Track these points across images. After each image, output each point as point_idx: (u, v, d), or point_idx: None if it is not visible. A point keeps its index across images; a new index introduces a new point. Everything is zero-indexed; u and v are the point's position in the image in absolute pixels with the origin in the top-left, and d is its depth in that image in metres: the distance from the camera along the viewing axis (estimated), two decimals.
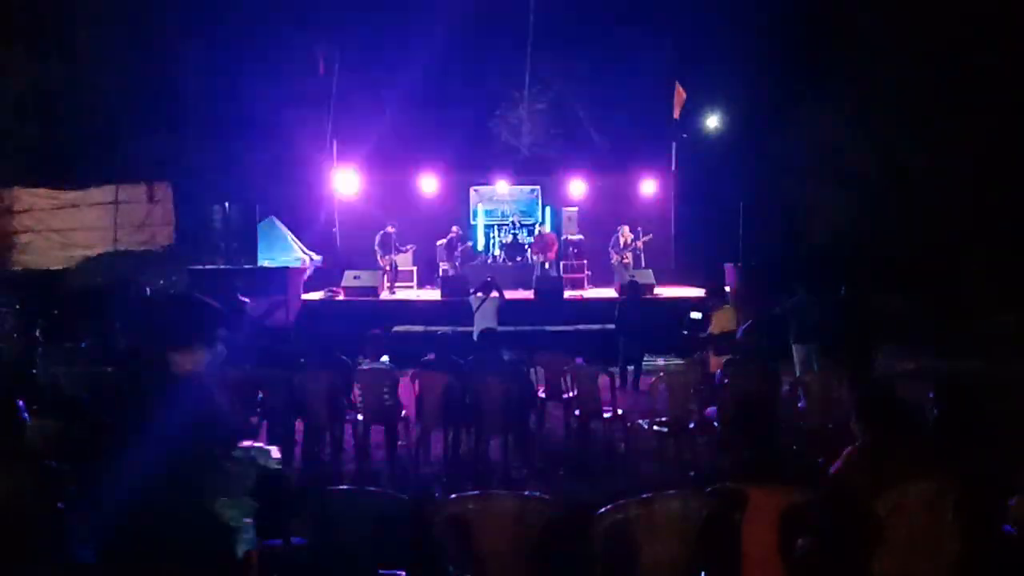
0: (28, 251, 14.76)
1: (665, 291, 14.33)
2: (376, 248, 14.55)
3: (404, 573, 3.27)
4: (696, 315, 11.43)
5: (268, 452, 2.79)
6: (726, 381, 6.39)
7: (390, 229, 14.70)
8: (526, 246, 16.15)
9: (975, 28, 14.67)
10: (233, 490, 2.57)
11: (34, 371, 6.28)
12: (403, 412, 6.83)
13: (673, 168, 17.55)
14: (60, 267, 14.22)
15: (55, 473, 3.61)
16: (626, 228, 15.31)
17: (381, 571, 3.21)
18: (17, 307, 10.58)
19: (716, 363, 7.59)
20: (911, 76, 15.10)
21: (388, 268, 14.54)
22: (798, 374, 8.13)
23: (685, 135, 17.56)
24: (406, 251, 15.28)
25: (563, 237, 16.38)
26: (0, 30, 14.67)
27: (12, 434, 3.60)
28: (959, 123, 14.70)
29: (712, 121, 18.76)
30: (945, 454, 3.42)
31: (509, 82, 19.77)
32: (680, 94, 16.84)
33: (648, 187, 17.40)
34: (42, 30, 14.81)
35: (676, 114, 16.91)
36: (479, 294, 10.10)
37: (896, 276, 13.90)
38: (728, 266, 13.89)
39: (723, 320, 8.33)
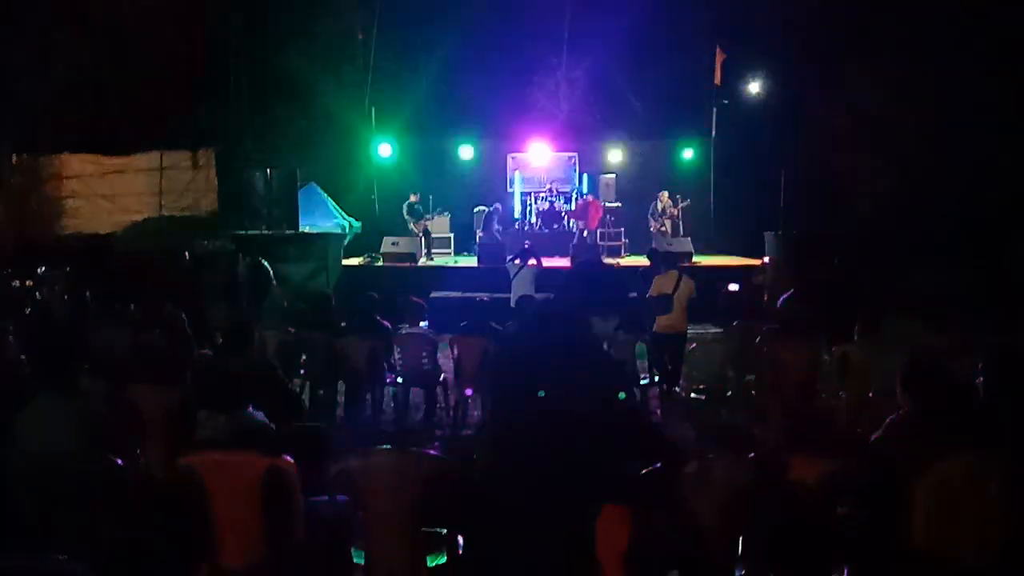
0: (77, 216, 15.12)
1: (704, 259, 14.22)
2: (406, 217, 14.66)
3: (445, 532, 3.35)
4: (734, 286, 11.35)
5: None
6: (764, 350, 6.37)
7: (413, 198, 14.80)
8: (563, 213, 16.11)
9: None
10: None
11: (85, 333, 6.46)
12: (442, 376, 6.93)
13: (713, 135, 17.29)
14: (108, 232, 14.55)
15: (108, 429, 3.76)
16: (664, 194, 15.17)
17: (423, 529, 3.30)
18: (67, 270, 10.87)
19: (658, 324, 7.51)
20: (959, 44, 14.63)
21: (420, 234, 14.64)
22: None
23: (726, 101, 17.25)
24: (437, 216, 15.37)
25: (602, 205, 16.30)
26: (49, 11, 14.90)
27: (65, 394, 3.74)
28: (1008, 93, 14.25)
29: (753, 87, 18.37)
30: (991, 427, 3.36)
31: (547, 48, 19.55)
32: (721, 59, 16.52)
33: (687, 154, 17.17)
34: (87, 7, 15.00)
35: (717, 79, 16.59)
36: (516, 261, 10.12)
37: (939, 248, 13.61)
38: (768, 235, 13.72)
39: (661, 284, 7.94)
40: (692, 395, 6.60)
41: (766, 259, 11.99)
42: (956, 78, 14.62)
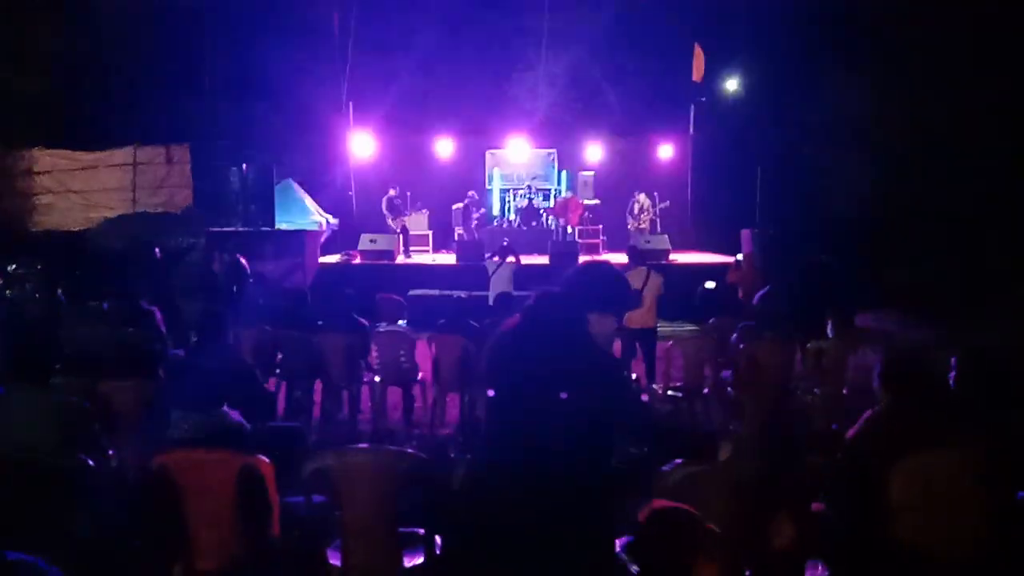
0: (49, 212, 14.88)
1: (681, 257, 14.29)
2: (385, 212, 14.60)
3: (423, 531, 3.34)
4: (710, 284, 11.40)
5: None
6: (740, 347, 6.41)
7: (392, 193, 14.75)
8: (542, 211, 16.11)
9: None
10: None
11: (57, 331, 6.37)
12: (419, 375, 6.91)
13: (691, 132, 17.37)
14: (81, 228, 14.34)
15: (82, 426, 3.71)
16: (642, 195, 15.21)
17: (400, 529, 3.28)
18: (39, 268, 10.70)
19: (628, 319, 7.50)
20: (938, 41, 14.79)
21: (399, 231, 14.59)
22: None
23: (704, 99, 17.33)
24: (415, 213, 15.33)
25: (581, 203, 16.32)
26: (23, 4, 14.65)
27: (38, 390, 3.69)
28: (986, 90, 14.42)
29: (732, 84, 18.49)
30: (968, 421, 3.39)
31: (526, 44, 19.53)
32: (699, 56, 16.60)
33: (665, 151, 17.25)
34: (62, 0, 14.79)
35: (695, 77, 16.67)
36: (495, 258, 10.12)
37: (919, 245, 13.77)
38: (745, 232, 13.81)
39: (631, 280, 8.11)
40: (669, 392, 6.62)
41: (739, 256, 12.08)
42: (935, 74, 14.79)
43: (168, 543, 3.27)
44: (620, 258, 14.54)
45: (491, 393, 2.62)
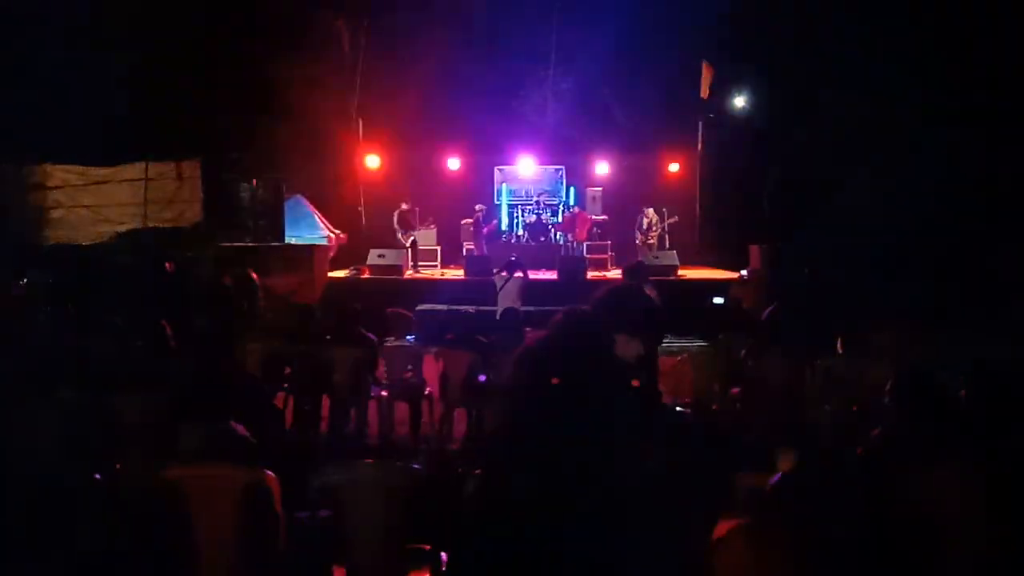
0: (60, 226, 14.99)
1: (689, 272, 14.27)
2: (396, 227, 14.60)
3: (428, 547, 3.32)
4: (719, 300, 11.38)
5: None
6: (749, 363, 6.39)
7: (404, 207, 14.74)
8: (550, 226, 16.13)
9: (1008, 8, 14.37)
10: None
11: (66, 344, 6.40)
12: (427, 390, 6.90)
13: (699, 148, 17.39)
14: (91, 242, 14.44)
15: (89, 440, 3.72)
16: (651, 210, 15.21)
17: (407, 545, 3.27)
18: (50, 282, 10.77)
19: None
20: (944, 59, 14.82)
21: (408, 246, 14.61)
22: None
23: (712, 115, 17.37)
24: (427, 227, 15.35)
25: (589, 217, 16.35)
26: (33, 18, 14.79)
27: (46, 403, 3.71)
28: (993, 106, 14.43)
29: (740, 101, 18.52)
30: (978, 438, 3.37)
31: (534, 61, 19.63)
32: (708, 73, 16.65)
33: (674, 167, 17.26)
34: (74, 13, 14.91)
35: (703, 94, 16.71)
36: (503, 273, 10.12)
37: (929, 260, 13.71)
38: (754, 248, 13.79)
39: None
40: (678, 408, 6.59)
41: (743, 272, 12.05)
42: (941, 92, 14.80)
43: (174, 558, 3.26)
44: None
45: (482, 378, 2.60)
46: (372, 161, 16.92)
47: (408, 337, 7.20)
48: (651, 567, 2.36)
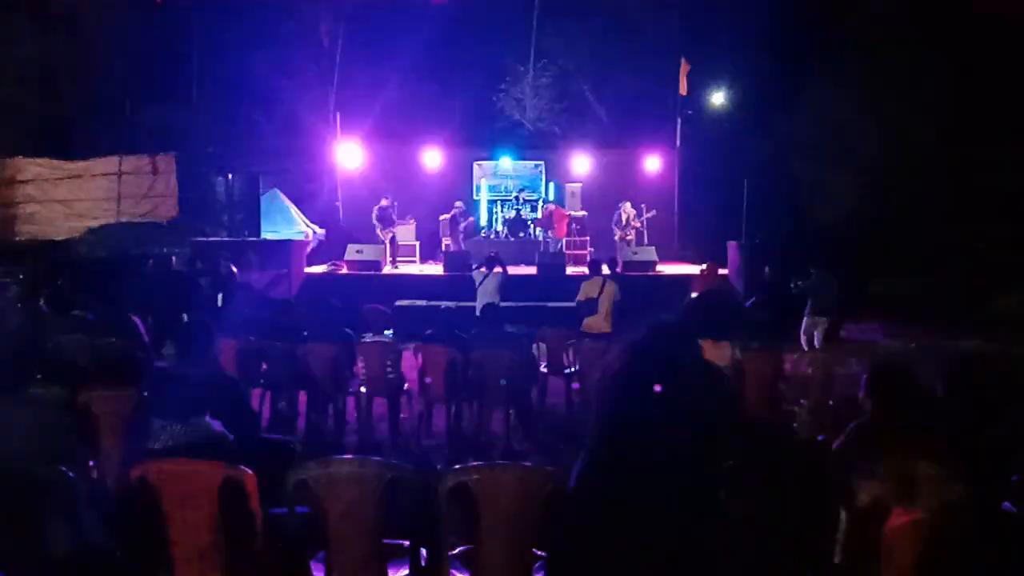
0: (32, 221, 14.78)
1: (667, 268, 14.33)
2: (375, 222, 14.52)
3: (408, 543, 3.30)
4: (695, 295, 11.41)
5: None
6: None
7: (384, 202, 14.66)
8: (529, 222, 16.12)
9: (984, 6, 14.54)
10: None
11: (39, 340, 6.30)
12: (406, 385, 6.87)
13: (677, 145, 17.46)
14: (64, 237, 14.24)
15: (61, 436, 3.66)
16: (628, 205, 15.25)
17: (385, 541, 3.25)
18: (21, 277, 10.61)
19: (585, 325, 8.46)
20: (919, 55, 14.98)
21: (387, 241, 14.54)
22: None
23: (690, 112, 17.44)
24: (406, 223, 15.28)
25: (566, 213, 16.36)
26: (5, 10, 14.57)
27: (17, 399, 3.64)
28: (969, 104, 14.60)
29: (717, 98, 18.63)
30: (953, 432, 3.40)
31: (514, 56, 19.61)
32: (686, 70, 16.71)
33: (652, 163, 17.32)
34: (47, 6, 14.71)
35: (682, 90, 16.78)
36: (482, 269, 10.10)
37: (902, 256, 13.88)
38: (732, 244, 13.87)
39: (588, 289, 8.84)
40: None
41: (703, 266, 12.14)
42: (918, 89, 14.96)
43: (149, 555, 3.22)
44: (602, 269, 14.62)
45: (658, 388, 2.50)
46: (350, 156, 16.79)
47: (386, 332, 7.16)
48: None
